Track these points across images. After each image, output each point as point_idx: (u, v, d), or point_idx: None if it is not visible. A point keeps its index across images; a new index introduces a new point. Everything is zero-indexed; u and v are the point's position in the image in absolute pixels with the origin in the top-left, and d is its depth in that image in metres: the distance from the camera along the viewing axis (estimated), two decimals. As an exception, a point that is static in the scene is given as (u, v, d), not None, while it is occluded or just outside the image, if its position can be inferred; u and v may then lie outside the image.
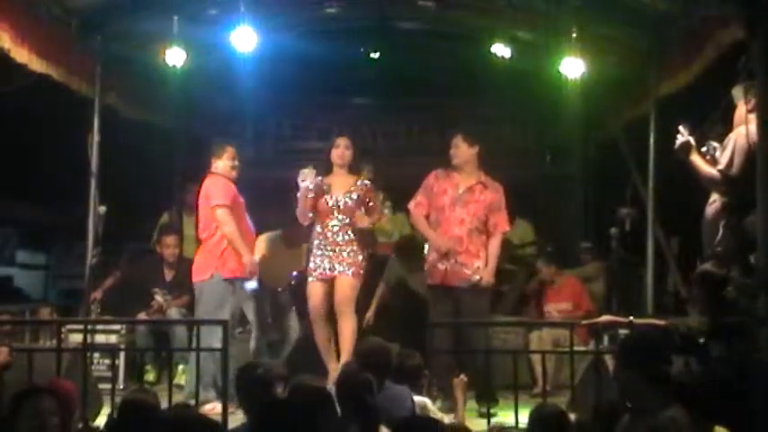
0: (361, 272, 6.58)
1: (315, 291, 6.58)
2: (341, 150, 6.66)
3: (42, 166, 9.11)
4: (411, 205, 6.88)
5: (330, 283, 6.54)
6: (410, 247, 7.69)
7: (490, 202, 6.70)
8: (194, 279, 6.59)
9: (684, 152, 5.28)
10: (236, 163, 6.68)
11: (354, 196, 6.58)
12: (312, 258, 6.66)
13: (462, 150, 6.74)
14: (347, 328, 6.43)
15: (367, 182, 6.67)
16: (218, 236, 6.51)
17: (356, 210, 6.56)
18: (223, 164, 6.63)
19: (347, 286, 6.50)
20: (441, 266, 6.65)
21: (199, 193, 6.69)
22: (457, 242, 6.63)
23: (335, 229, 6.58)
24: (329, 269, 6.52)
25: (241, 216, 6.64)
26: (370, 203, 6.65)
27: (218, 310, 6.28)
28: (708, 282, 4.37)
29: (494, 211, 6.70)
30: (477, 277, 6.58)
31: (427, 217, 6.79)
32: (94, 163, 7.26)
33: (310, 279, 6.62)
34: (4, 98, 6.88)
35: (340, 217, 6.58)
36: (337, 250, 6.55)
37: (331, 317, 6.59)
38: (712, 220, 5.26)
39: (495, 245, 6.71)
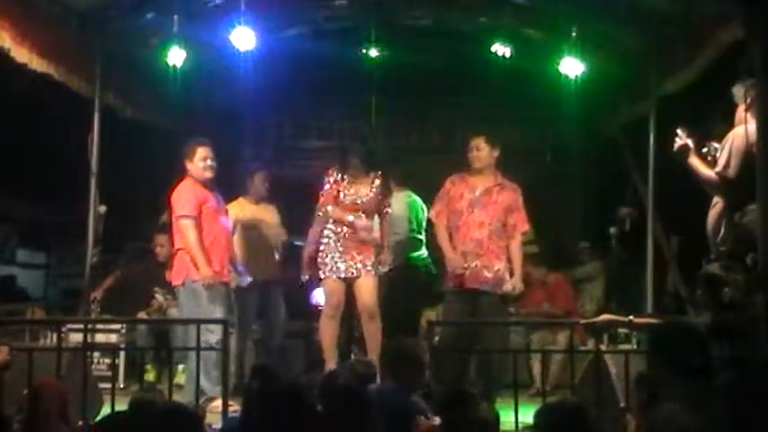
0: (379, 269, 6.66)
1: (335, 290, 6.58)
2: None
3: (42, 165, 9.10)
4: (432, 215, 6.93)
5: (349, 283, 6.57)
6: None
7: (509, 202, 6.73)
8: (173, 283, 6.58)
9: (683, 155, 5.29)
10: (210, 163, 6.49)
11: (373, 196, 6.63)
12: (327, 255, 6.61)
13: (485, 153, 6.75)
14: (376, 328, 6.50)
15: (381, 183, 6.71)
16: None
17: (375, 209, 6.62)
18: (194, 166, 6.49)
19: (373, 287, 6.56)
20: (462, 270, 6.63)
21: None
22: (477, 245, 6.63)
23: (354, 228, 6.59)
24: (351, 269, 6.55)
25: (213, 219, 6.48)
26: (386, 209, 6.71)
27: (197, 311, 6.22)
28: (712, 283, 4.36)
29: (512, 212, 6.73)
30: (510, 287, 6.61)
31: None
32: (94, 163, 7.25)
33: (326, 277, 6.60)
34: (3, 98, 6.89)
35: (361, 216, 6.61)
36: (357, 251, 6.57)
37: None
38: (715, 221, 5.26)
39: (517, 249, 6.73)
